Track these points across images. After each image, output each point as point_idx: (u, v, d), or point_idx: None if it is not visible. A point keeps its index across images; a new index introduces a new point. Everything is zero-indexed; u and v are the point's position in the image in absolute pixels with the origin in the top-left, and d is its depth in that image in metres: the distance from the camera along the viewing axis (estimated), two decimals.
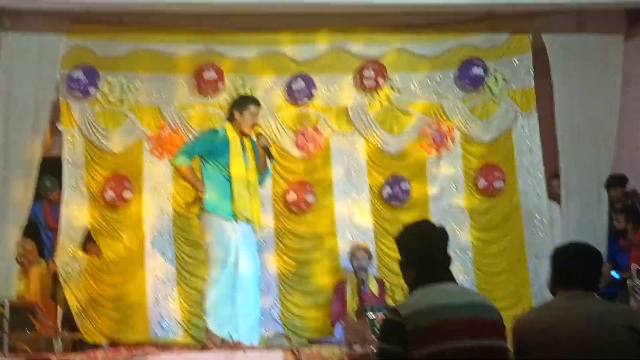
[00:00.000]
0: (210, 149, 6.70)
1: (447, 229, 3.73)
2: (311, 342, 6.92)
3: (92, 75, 8.77)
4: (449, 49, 9.28)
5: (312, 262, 8.88)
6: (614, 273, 7.89)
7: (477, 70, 9.18)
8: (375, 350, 4.25)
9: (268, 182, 8.37)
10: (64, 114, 8.77)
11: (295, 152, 9.03)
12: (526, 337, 3.52)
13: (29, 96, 8.63)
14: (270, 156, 6.93)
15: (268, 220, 8.61)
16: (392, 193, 8.99)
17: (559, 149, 9.14)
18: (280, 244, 8.89)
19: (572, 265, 3.63)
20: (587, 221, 8.97)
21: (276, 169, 8.84)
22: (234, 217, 6.59)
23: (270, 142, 7.05)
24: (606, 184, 8.94)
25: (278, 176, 8.95)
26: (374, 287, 8.15)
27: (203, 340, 6.53)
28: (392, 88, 9.19)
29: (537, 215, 9.07)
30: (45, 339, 7.11)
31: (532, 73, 9.24)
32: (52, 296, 8.53)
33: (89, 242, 8.66)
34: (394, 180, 9.01)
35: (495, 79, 9.21)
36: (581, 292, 3.57)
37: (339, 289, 8.34)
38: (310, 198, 8.91)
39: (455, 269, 3.67)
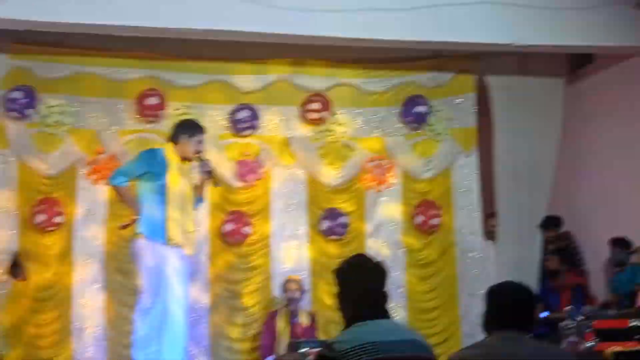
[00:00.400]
0: (149, 169, 6.53)
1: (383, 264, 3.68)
2: None
3: (31, 96, 8.62)
4: (394, 86, 9.37)
5: (245, 293, 8.78)
6: (543, 313, 7.93)
7: (421, 108, 9.27)
8: None
9: (205, 210, 8.30)
10: None
11: (236, 183, 8.95)
12: None
13: None
14: (216, 182, 6.85)
15: (203, 249, 8.50)
16: (331, 227, 8.98)
17: (496, 187, 9.23)
18: (214, 274, 8.77)
19: (507, 305, 3.60)
20: (521, 260, 9.06)
21: (214, 199, 8.75)
22: (168, 241, 6.43)
23: (213, 168, 6.93)
24: (541, 224, 9.04)
25: (215, 206, 8.85)
26: (304, 319, 8.09)
27: None
28: (336, 122, 9.21)
29: (471, 254, 9.12)
30: None
31: (475, 113, 9.32)
32: None
33: (16, 266, 8.41)
34: (333, 214, 8.99)
35: (438, 118, 9.27)
36: (515, 332, 3.53)
37: (269, 321, 8.25)
38: (246, 229, 8.84)
39: (389, 304, 3.62)
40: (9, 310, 8.21)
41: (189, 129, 6.73)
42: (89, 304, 8.45)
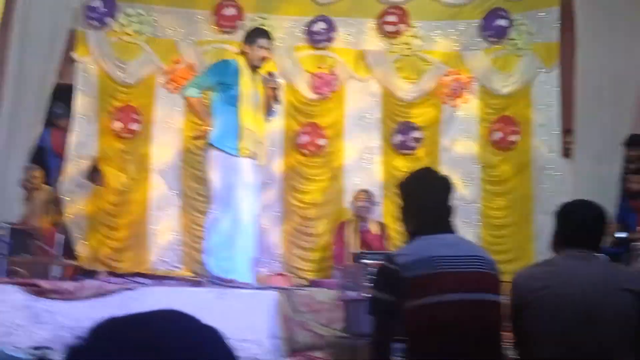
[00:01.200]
0: (221, 80, 6.57)
1: (457, 179, 3.62)
2: (311, 283, 6.87)
3: (111, 5, 8.71)
4: None
5: (317, 204, 8.82)
6: (619, 234, 7.75)
7: (502, 22, 9.00)
8: (367, 297, 4.18)
9: (279, 121, 8.31)
10: (79, 43, 8.71)
11: (310, 95, 8.91)
12: (524, 293, 3.43)
13: (46, 23, 8.54)
14: (276, 99, 6.80)
15: (277, 160, 8.52)
16: (403, 141, 8.88)
17: (577, 105, 8.96)
18: (287, 185, 8.83)
19: (577, 223, 3.51)
20: (599, 179, 8.83)
21: (289, 110, 8.77)
22: (239, 152, 6.47)
23: (279, 84, 6.90)
24: (625, 142, 8.75)
25: (290, 117, 8.85)
26: (374, 228, 8.12)
27: (199, 276, 6.49)
28: (413, 35, 9.03)
29: (547, 171, 8.93)
30: (44, 264, 7.09)
31: (558, 27, 9.02)
32: (54, 223, 8.52)
33: (94, 171, 8.61)
34: (406, 128, 8.90)
35: (520, 31, 9.01)
36: (584, 251, 3.46)
37: (339, 231, 8.32)
38: (321, 141, 8.82)
39: (460, 220, 3.57)
40: (87, 214, 8.45)
41: (253, 35, 6.79)
42: (165, 210, 8.61)
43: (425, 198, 3.47)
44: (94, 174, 8.60)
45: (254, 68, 6.70)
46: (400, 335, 3.30)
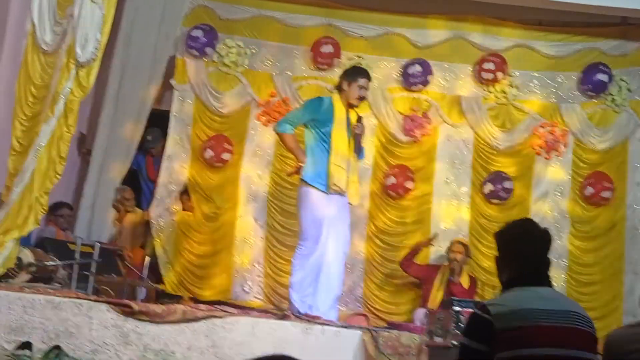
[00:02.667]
0: (315, 117, 6.60)
1: None
2: (389, 325, 6.82)
3: (211, 36, 8.87)
4: (576, 52, 9.04)
5: (401, 247, 8.74)
6: None
7: (602, 77, 8.89)
8: (457, 345, 4.13)
9: (369, 162, 8.34)
10: (178, 70, 8.90)
11: (402, 137, 8.91)
12: (616, 355, 3.34)
13: (148, 49, 8.84)
14: (358, 147, 6.71)
15: (363, 200, 8.51)
16: (494, 190, 8.79)
17: None
18: (372, 225, 8.81)
19: None
20: None
21: (379, 151, 8.79)
22: (330, 188, 6.48)
23: (364, 132, 6.88)
24: None
25: (380, 158, 8.87)
26: (465, 281, 7.99)
27: (283, 310, 6.50)
28: (510, 84, 8.99)
29: None
30: (130, 285, 7.20)
31: None
32: (142, 245, 8.66)
33: (184, 197, 8.74)
34: (498, 178, 8.82)
35: (620, 87, 8.89)
36: None
37: (432, 270, 8.18)
38: (409, 184, 8.79)
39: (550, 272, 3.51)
40: (174, 239, 8.56)
41: (352, 73, 6.78)
42: (250, 241, 8.68)
43: (523, 248, 3.40)
44: (184, 200, 8.74)
45: (350, 106, 6.71)
46: None
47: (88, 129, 8.96)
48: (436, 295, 7.94)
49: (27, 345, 4.94)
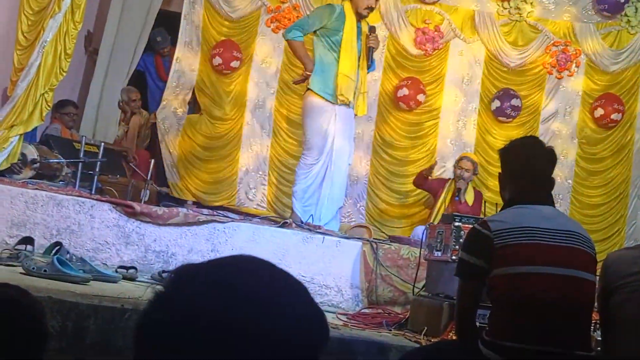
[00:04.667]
0: (325, 24, 6.48)
1: None
2: (390, 239, 6.84)
3: None
4: None
5: (407, 162, 8.74)
6: None
7: None
8: (455, 260, 4.14)
9: (378, 73, 8.25)
10: None
11: (413, 50, 8.80)
12: (614, 277, 3.33)
13: None
14: (370, 59, 6.64)
15: (370, 112, 8.43)
16: (501, 107, 8.72)
17: None
18: (379, 138, 8.76)
19: None
20: None
21: (389, 63, 8.68)
22: (335, 98, 6.43)
23: (378, 45, 6.79)
24: None
25: (389, 70, 8.77)
26: (470, 197, 7.95)
27: (286, 218, 6.53)
28: (525, 0, 8.83)
29: None
30: (134, 187, 7.21)
31: None
32: (148, 147, 8.64)
33: (191, 100, 8.68)
34: (506, 95, 8.73)
35: (636, 9, 8.76)
36: None
37: (440, 184, 8.12)
38: (421, 97, 8.70)
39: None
40: (180, 142, 8.52)
41: None
42: (255, 149, 8.65)
43: (526, 166, 3.36)
44: (191, 104, 8.69)
45: (359, 16, 6.59)
46: (485, 301, 3.26)
47: (95, 28, 8.84)
48: (439, 210, 7.94)
49: (28, 240, 4.96)
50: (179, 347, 1.12)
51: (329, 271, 5.43)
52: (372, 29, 6.63)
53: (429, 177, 8.10)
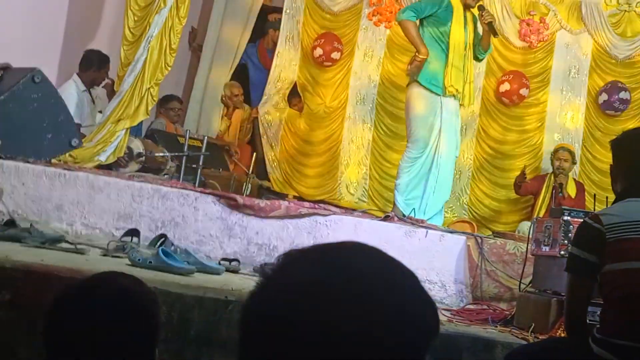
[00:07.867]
0: (436, 12, 6.39)
1: None
2: (494, 234, 6.72)
3: None
4: None
5: (512, 156, 8.58)
6: None
7: None
8: (565, 255, 4.02)
9: (482, 66, 8.11)
10: None
11: (517, 42, 8.64)
12: None
13: None
14: (495, 32, 6.55)
15: (475, 106, 8.31)
16: (609, 101, 8.48)
17: None
18: (483, 132, 8.63)
19: None
20: None
21: (492, 56, 8.54)
22: (443, 91, 6.34)
23: (494, 17, 6.69)
24: None
25: (493, 62, 8.62)
26: (572, 190, 7.74)
27: (387, 212, 6.48)
28: None
29: None
30: (236, 180, 7.28)
31: None
32: (250, 142, 8.71)
33: (293, 96, 8.71)
34: (614, 88, 8.49)
35: None
36: None
37: (540, 180, 7.96)
38: (524, 91, 8.52)
39: None
40: (282, 137, 8.56)
41: None
42: (357, 142, 8.62)
43: (639, 158, 3.25)
44: (293, 99, 8.71)
45: (466, 7, 6.50)
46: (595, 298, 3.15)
47: (198, 24, 8.96)
48: (542, 206, 7.77)
49: (134, 232, 5.04)
50: (286, 329, 1.11)
51: (432, 266, 5.36)
52: (481, 8, 6.52)
53: (525, 181, 7.91)
